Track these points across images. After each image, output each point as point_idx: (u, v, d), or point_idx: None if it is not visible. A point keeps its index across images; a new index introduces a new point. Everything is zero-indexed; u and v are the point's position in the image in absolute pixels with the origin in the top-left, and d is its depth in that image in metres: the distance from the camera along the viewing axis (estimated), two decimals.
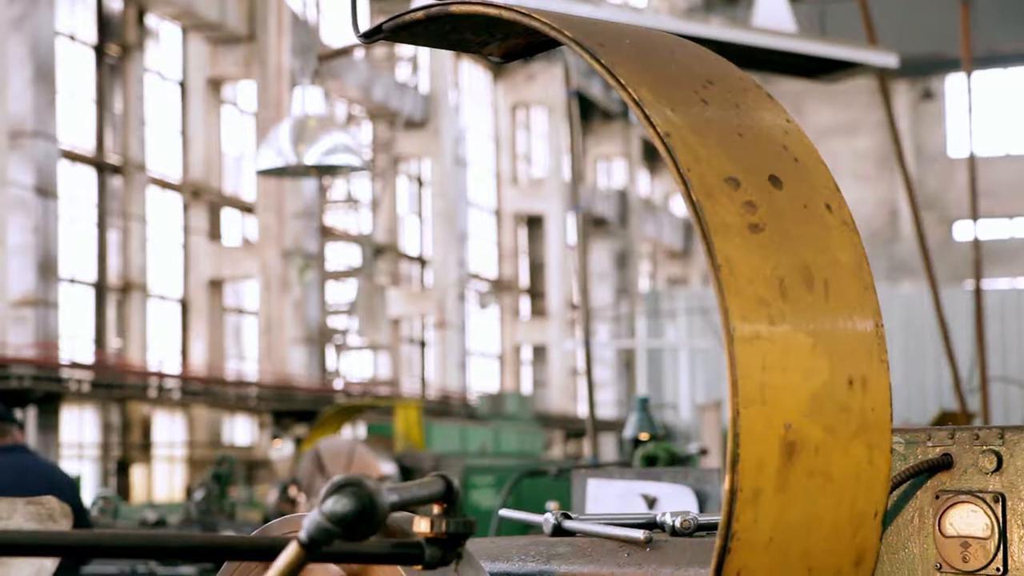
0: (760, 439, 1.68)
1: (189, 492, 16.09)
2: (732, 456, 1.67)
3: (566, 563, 2.29)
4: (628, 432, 7.84)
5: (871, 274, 1.86)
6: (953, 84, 53.20)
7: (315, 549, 1.73)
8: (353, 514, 1.74)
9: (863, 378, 1.79)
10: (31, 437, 23.31)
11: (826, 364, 1.75)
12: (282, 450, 23.04)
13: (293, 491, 13.25)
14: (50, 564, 1.80)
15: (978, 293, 14.13)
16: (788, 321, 1.74)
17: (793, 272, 1.77)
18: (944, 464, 2.12)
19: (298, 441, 22.26)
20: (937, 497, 2.11)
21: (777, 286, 1.75)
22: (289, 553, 1.73)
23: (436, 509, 1.93)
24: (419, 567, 1.95)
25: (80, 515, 7.95)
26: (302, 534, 1.73)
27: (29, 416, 23.95)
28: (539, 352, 47.90)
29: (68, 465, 25.73)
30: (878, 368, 1.81)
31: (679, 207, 56.46)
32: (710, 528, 2.34)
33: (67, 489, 7.93)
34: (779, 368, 1.72)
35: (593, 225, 47.01)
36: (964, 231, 50.93)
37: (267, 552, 1.78)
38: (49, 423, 24.47)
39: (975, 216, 14.23)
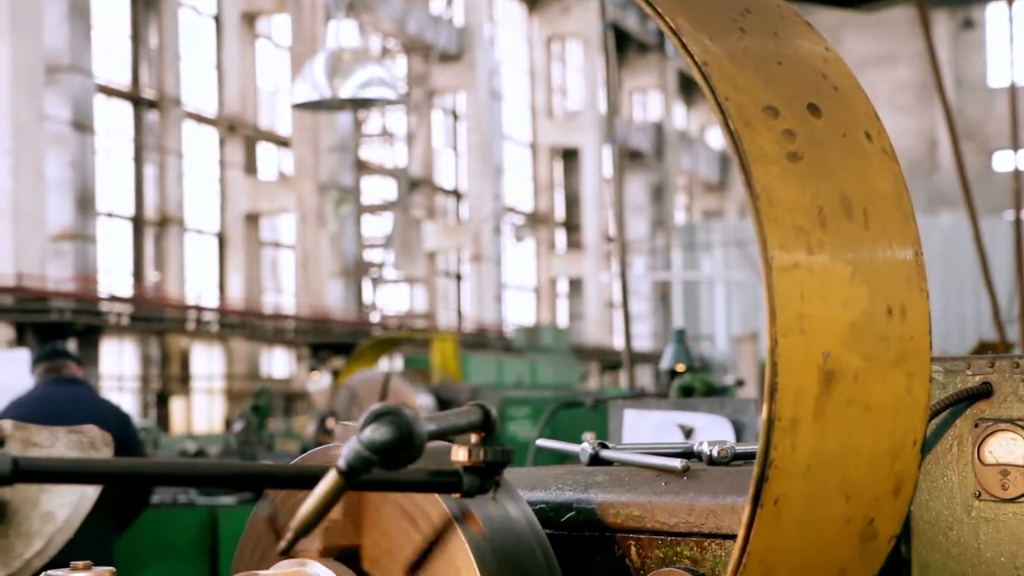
0: (798, 368, 1.68)
1: (228, 424, 16.22)
2: (770, 385, 1.66)
3: (603, 492, 2.30)
4: (664, 364, 7.84)
5: (911, 203, 1.85)
6: (994, 13, 52.56)
7: (353, 477, 1.74)
8: (391, 442, 1.75)
9: (902, 307, 1.78)
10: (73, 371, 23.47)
11: (865, 293, 1.74)
12: (319, 382, 23.15)
13: (331, 423, 13.31)
14: (92, 492, 1.81)
15: (1018, 224, 14.02)
16: (827, 250, 1.73)
17: (832, 201, 1.76)
18: (984, 392, 2.11)
19: (335, 374, 22.38)
20: (976, 425, 2.11)
21: (816, 215, 1.74)
22: (328, 481, 1.74)
23: (474, 438, 1.93)
24: (457, 495, 1.95)
25: (135, 450, 8.01)
26: (341, 462, 1.74)
27: (69, 349, 24.10)
28: (575, 285, 47.89)
29: (108, 397, 25.90)
30: (917, 297, 1.80)
31: (715, 139, 56.16)
32: (747, 457, 2.34)
33: (122, 422, 8.01)
34: (818, 297, 1.71)
35: (629, 158, 46.80)
36: (1004, 161, 50.46)
37: (306, 480, 1.79)
38: (89, 356, 24.64)
39: (1015, 146, 14.10)
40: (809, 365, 1.68)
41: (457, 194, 42.02)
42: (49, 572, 2.12)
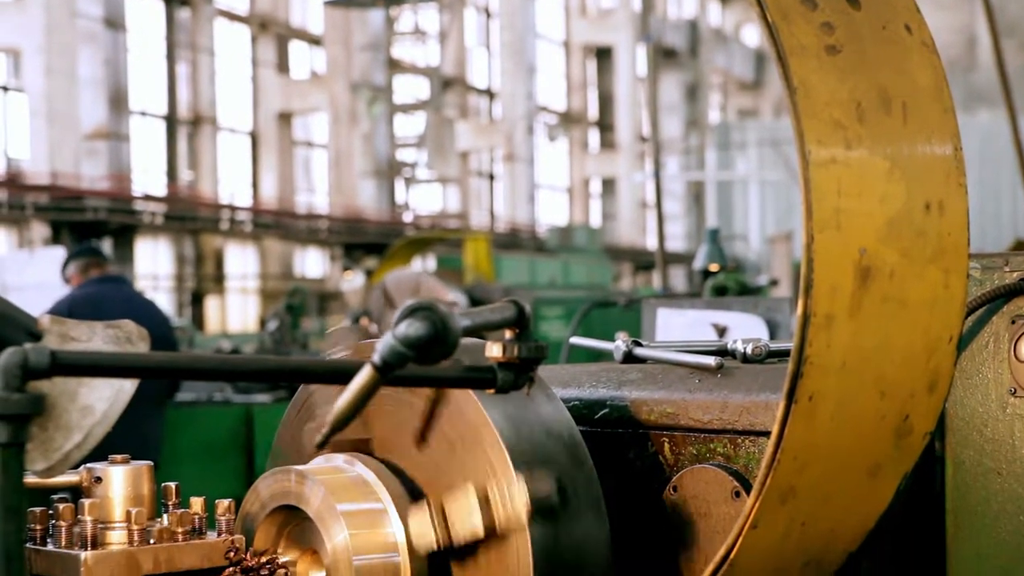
0: (834, 264, 1.66)
1: (262, 323, 16.32)
2: (805, 281, 1.65)
3: (637, 389, 2.30)
4: (698, 263, 7.82)
5: (951, 97, 1.82)
6: None
7: (388, 372, 1.75)
8: (426, 337, 1.75)
9: (940, 202, 1.76)
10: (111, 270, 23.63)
11: (903, 188, 1.72)
12: (353, 282, 23.23)
13: (364, 322, 13.37)
14: (129, 386, 1.82)
15: None
16: (865, 145, 1.71)
17: (870, 94, 1.73)
18: (1021, 289, 2.09)
19: (369, 273, 22.44)
20: (1013, 322, 2.09)
21: (854, 109, 1.71)
22: (363, 376, 1.75)
23: (508, 334, 1.93)
24: (491, 391, 1.96)
25: (173, 351, 8.13)
26: (375, 357, 1.74)
27: (104, 248, 24.27)
28: (608, 185, 47.74)
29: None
30: (956, 192, 1.78)
31: (750, 37, 55.55)
32: (781, 355, 2.33)
33: (163, 323, 8.22)
34: (855, 193, 1.69)
35: (663, 56, 46.36)
36: None
37: (341, 375, 1.80)
38: (124, 255, 24.79)
39: None
40: (845, 261, 1.67)
41: (490, 93, 41.80)
42: (88, 465, 2.14)
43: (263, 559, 2.12)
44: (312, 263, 33.93)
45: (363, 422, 2.14)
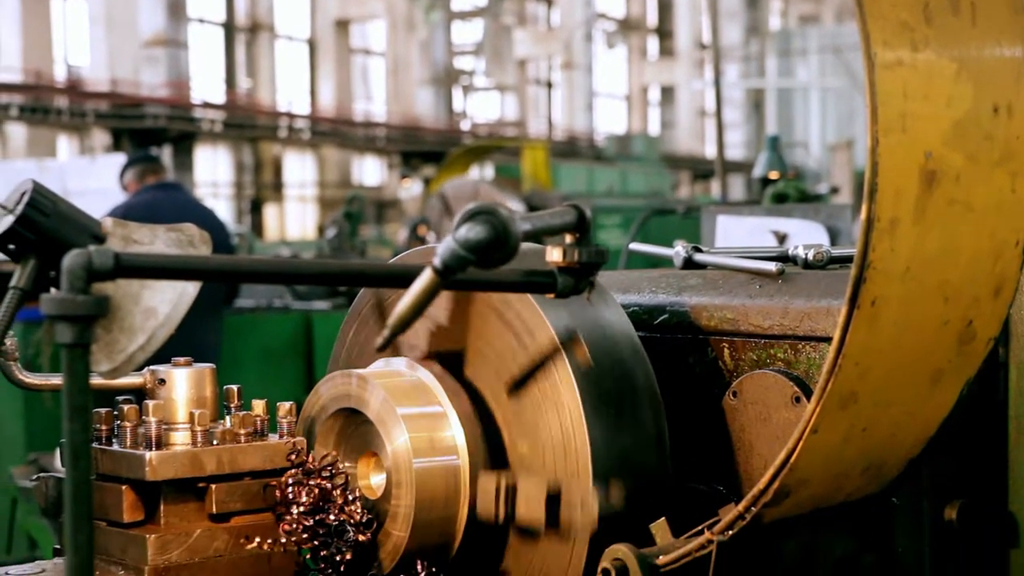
0: (899, 168, 1.64)
1: (321, 231, 16.38)
2: (870, 186, 1.63)
3: (697, 295, 2.29)
4: (758, 171, 7.78)
5: None
6: None
7: (449, 275, 1.75)
8: (487, 241, 1.75)
9: (1008, 105, 1.73)
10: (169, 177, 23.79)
11: (970, 91, 1.70)
12: (411, 190, 23.27)
13: (422, 230, 13.40)
14: (191, 289, 1.83)
15: None
16: (932, 47, 1.68)
17: None
18: None
19: (426, 181, 22.46)
20: None
21: (921, 10, 1.68)
22: (423, 279, 1.75)
23: (568, 239, 1.93)
24: (551, 296, 1.96)
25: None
26: (436, 260, 1.75)
27: (164, 155, 24.41)
28: (667, 93, 47.38)
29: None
30: None
31: None
32: (843, 261, 2.31)
33: (220, 230, 8.26)
34: (921, 96, 1.67)
35: None
36: None
37: (402, 278, 1.80)
38: (184, 162, 24.92)
39: None
40: (910, 165, 1.65)
41: (548, 0, 41.45)
42: (152, 367, 2.17)
43: (324, 461, 2.14)
44: (370, 171, 33.97)
45: (457, 336, 2.15)
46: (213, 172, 28.89)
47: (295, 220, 31.65)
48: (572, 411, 2.00)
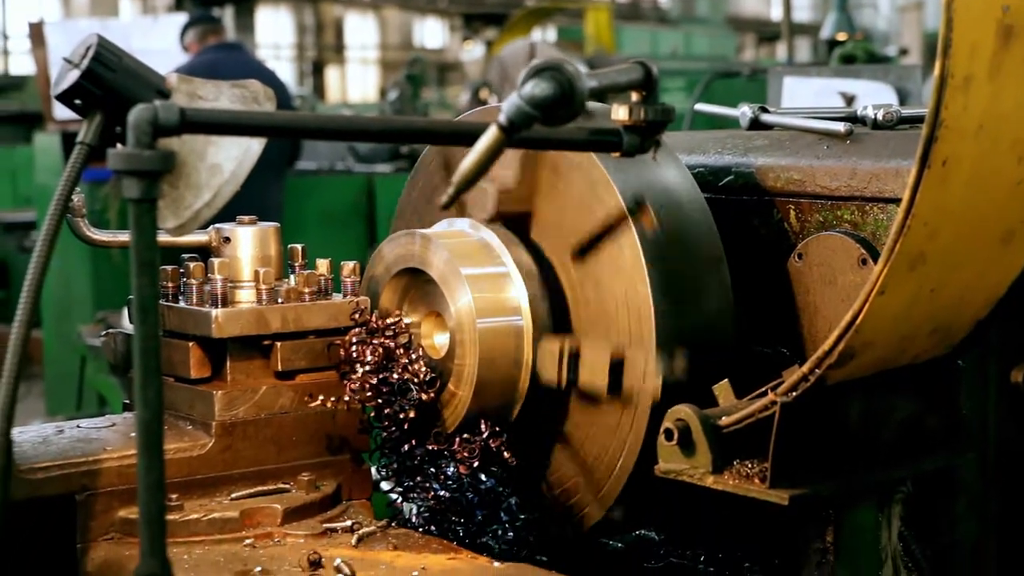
0: (975, 22, 1.60)
1: (382, 93, 16.32)
2: (943, 41, 1.59)
3: (763, 155, 2.27)
4: (825, 32, 7.66)
5: None
6: None
7: (514, 132, 1.73)
8: (552, 97, 1.73)
9: None
10: (229, 38, 23.76)
11: None
12: (473, 52, 23.10)
13: (484, 93, 13.31)
14: (256, 146, 1.83)
15: None
16: None
17: None
18: None
19: (488, 44, 22.27)
20: None
21: None
22: (488, 136, 1.73)
23: (634, 97, 1.90)
24: (617, 154, 1.94)
25: None
26: (501, 117, 1.73)
27: (226, 16, 24.29)
28: None
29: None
30: None
31: None
32: (913, 121, 2.28)
33: (282, 88, 8.26)
34: None
35: None
36: None
37: (466, 136, 1.79)
38: (245, 24, 24.85)
39: None
40: (987, 19, 1.60)
41: None
42: (217, 225, 2.18)
43: (388, 320, 2.15)
44: (431, 33, 33.74)
45: (525, 199, 2.14)
46: (275, 34, 28.79)
47: (356, 83, 31.55)
48: (636, 276, 2.00)
